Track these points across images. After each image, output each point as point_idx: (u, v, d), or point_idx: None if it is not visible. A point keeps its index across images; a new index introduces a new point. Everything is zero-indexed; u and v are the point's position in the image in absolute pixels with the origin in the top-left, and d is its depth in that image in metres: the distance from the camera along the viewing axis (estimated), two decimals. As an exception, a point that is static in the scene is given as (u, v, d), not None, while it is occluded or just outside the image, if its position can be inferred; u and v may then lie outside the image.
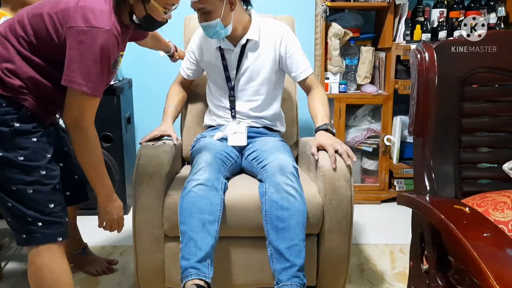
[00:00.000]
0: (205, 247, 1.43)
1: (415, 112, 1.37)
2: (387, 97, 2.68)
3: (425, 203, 1.16)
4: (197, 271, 1.40)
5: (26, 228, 1.35)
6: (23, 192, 1.32)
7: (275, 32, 1.84)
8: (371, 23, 2.89)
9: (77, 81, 1.28)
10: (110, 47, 1.30)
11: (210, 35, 1.75)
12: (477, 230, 0.96)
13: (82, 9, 1.27)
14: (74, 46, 1.26)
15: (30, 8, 1.36)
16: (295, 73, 1.83)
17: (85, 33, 1.25)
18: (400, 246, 2.18)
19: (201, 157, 1.64)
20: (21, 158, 1.31)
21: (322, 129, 1.70)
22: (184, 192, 1.52)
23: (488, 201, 1.21)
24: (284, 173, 1.54)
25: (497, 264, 0.83)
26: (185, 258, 1.43)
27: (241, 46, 1.82)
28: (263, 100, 1.87)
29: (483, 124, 1.43)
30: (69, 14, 1.27)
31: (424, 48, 1.36)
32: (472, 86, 1.39)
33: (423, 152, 1.37)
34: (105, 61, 1.30)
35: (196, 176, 1.54)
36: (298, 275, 1.43)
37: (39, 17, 1.31)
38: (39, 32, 1.31)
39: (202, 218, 1.46)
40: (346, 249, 1.62)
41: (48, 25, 1.29)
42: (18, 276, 1.94)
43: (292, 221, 1.46)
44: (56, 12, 1.29)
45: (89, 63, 1.27)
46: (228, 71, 1.86)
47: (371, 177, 2.85)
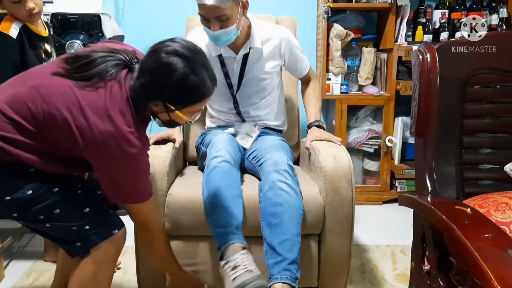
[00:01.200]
0: (239, 215, 1.49)
1: (417, 113, 1.37)
2: (388, 98, 2.68)
3: (426, 204, 1.16)
4: (237, 236, 1.44)
5: (77, 236, 1.27)
6: (52, 216, 1.25)
7: (276, 38, 1.82)
8: (373, 24, 2.89)
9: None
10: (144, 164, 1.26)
11: (221, 43, 1.70)
12: (478, 230, 0.96)
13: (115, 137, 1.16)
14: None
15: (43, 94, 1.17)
16: (298, 71, 1.93)
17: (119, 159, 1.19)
18: (402, 247, 2.18)
19: (220, 138, 1.68)
20: (29, 193, 1.20)
21: (315, 125, 1.84)
22: (208, 169, 1.55)
23: (489, 202, 1.21)
24: (278, 171, 1.54)
25: (499, 265, 0.83)
26: (220, 225, 1.46)
27: (243, 54, 1.79)
28: (267, 102, 1.90)
29: (485, 125, 1.43)
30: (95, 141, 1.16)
31: (426, 49, 1.36)
32: (473, 87, 1.39)
33: (424, 153, 1.37)
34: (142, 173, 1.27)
35: (219, 153, 1.58)
36: (289, 268, 1.42)
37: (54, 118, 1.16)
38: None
39: (232, 192, 1.51)
40: (347, 250, 1.62)
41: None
42: (20, 275, 1.94)
43: (285, 216, 1.46)
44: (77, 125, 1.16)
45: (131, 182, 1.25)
46: (229, 78, 1.83)
47: (373, 178, 2.85)
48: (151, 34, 2.85)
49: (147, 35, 2.82)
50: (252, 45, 1.78)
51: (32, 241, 2.27)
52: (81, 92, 1.16)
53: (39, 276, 1.94)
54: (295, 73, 1.96)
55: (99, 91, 1.16)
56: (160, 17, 2.82)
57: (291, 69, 1.93)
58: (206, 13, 1.60)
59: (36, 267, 2.01)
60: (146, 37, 2.82)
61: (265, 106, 1.90)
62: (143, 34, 2.79)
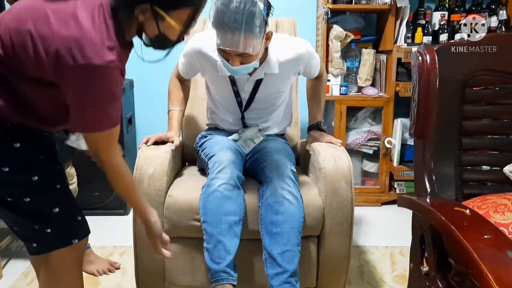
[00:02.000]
0: (233, 250, 1.46)
1: (416, 114, 1.37)
2: (388, 100, 2.68)
3: (425, 205, 1.17)
4: (227, 275, 1.43)
5: (36, 236, 1.22)
6: (20, 204, 1.16)
7: (294, 57, 1.69)
8: (372, 25, 2.90)
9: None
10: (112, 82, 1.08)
11: (239, 74, 1.60)
12: (477, 232, 0.96)
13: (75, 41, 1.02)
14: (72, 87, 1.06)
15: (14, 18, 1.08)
16: (311, 76, 1.86)
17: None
18: (400, 249, 2.18)
19: (223, 155, 1.61)
20: (5, 170, 1.12)
21: (315, 127, 1.85)
22: (208, 190, 1.50)
23: (488, 203, 1.21)
24: (281, 177, 1.53)
25: (498, 266, 0.83)
26: (215, 261, 1.45)
27: (256, 79, 1.70)
28: (275, 114, 1.86)
29: (484, 126, 1.44)
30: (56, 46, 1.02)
31: (426, 50, 1.37)
32: (473, 89, 1.39)
33: (424, 154, 1.38)
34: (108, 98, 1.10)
35: (221, 175, 1.52)
36: (289, 281, 1.43)
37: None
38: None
39: (229, 220, 1.47)
40: (346, 251, 1.62)
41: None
42: (18, 275, 1.94)
43: (286, 226, 1.46)
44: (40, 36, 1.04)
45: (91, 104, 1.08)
46: (239, 96, 1.75)
47: (372, 180, 2.85)
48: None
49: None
50: (268, 70, 1.67)
51: (30, 241, 2.26)
52: (50, 4, 1.06)
53: (37, 276, 1.93)
54: (308, 77, 1.88)
55: (69, 1, 1.06)
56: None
57: (304, 75, 1.85)
58: (227, 50, 1.45)
59: (35, 267, 2.01)
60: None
61: (273, 118, 1.86)
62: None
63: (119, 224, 2.48)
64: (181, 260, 1.62)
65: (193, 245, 1.60)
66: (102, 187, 2.47)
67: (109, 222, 2.49)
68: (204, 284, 1.62)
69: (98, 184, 2.45)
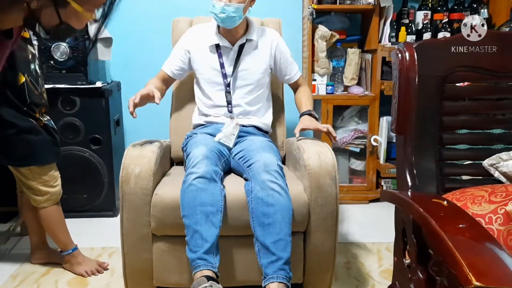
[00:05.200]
0: (210, 238, 1.48)
1: (397, 110, 1.39)
2: (373, 98, 2.72)
3: (405, 198, 1.19)
4: (204, 262, 1.45)
5: None
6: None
7: (270, 36, 1.97)
8: (357, 25, 2.93)
9: None
10: None
11: (226, 20, 1.81)
12: (453, 222, 0.99)
13: None
14: None
15: None
16: (288, 77, 2.03)
17: None
18: (387, 245, 2.21)
19: (197, 151, 1.66)
20: None
21: (306, 114, 1.92)
22: (184, 186, 1.55)
23: (467, 195, 1.23)
24: (269, 171, 1.57)
25: (471, 254, 0.86)
26: (192, 250, 1.48)
27: (239, 45, 1.91)
28: (257, 97, 1.96)
29: (463, 122, 1.46)
30: None
31: (405, 47, 1.39)
32: (452, 85, 1.42)
33: (405, 149, 1.40)
34: None
35: (195, 169, 1.57)
36: (284, 268, 1.46)
37: None
38: None
39: (204, 210, 1.50)
40: (332, 246, 1.64)
41: None
42: (6, 278, 1.94)
43: (277, 217, 1.49)
44: None
45: None
46: (224, 68, 1.92)
47: (359, 177, 2.88)
48: (138, 37, 2.88)
49: (134, 38, 2.85)
50: (249, 37, 1.91)
51: (18, 244, 2.26)
52: None
53: (25, 279, 1.93)
54: (285, 78, 2.03)
55: None
56: (147, 20, 2.83)
57: (280, 72, 2.00)
58: None
59: (23, 270, 2.00)
60: (133, 40, 2.84)
61: (256, 102, 1.96)
62: (131, 37, 2.80)
63: (108, 225, 2.48)
64: (168, 258, 1.63)
65: (180, 243, 1.61)
66: (90, 189, 2.48)
67: (97, 224, 2.49)
68: (191, 281, 1.63)
69: (87, 186, 2.46)
